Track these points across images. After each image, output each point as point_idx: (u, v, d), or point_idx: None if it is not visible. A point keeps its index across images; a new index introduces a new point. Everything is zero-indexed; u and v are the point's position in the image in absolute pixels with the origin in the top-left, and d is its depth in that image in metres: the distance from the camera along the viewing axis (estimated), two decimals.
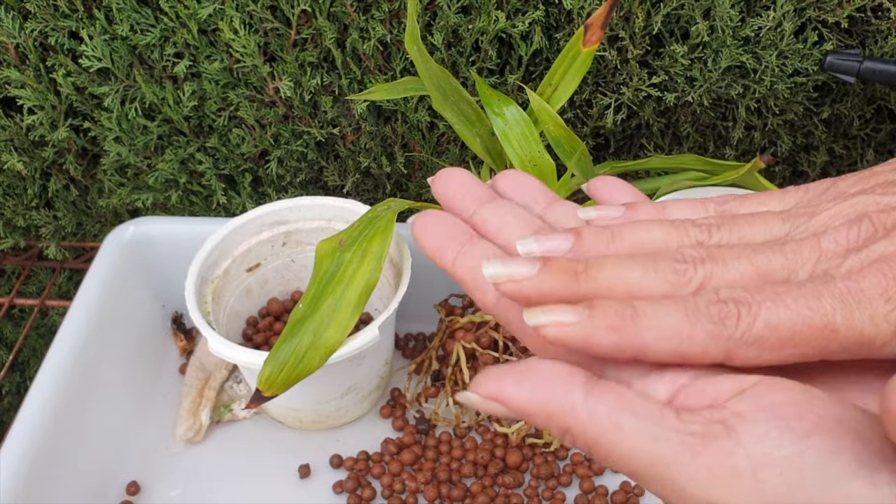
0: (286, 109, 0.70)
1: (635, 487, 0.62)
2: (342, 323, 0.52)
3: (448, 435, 0.65)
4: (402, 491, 0.62)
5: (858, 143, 0.72)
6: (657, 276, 0.21)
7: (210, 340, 0.57)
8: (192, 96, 0.69)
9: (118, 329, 0.67)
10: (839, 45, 0.64)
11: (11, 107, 0.73)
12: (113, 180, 0.77)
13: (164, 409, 0.69)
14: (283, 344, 0.52)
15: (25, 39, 0.67)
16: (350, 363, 0.60)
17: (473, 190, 0.27)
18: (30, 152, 0.75)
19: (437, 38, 0.64)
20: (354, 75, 0.68)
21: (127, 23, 0.65)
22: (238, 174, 0.75)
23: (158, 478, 0.64)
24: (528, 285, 0.22)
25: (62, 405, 0.59)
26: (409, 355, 0.73)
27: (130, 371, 0.68)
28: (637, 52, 0.64)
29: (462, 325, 0.62)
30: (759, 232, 0.23)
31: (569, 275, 0.22)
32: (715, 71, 0.64)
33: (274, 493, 0.63)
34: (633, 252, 0.23)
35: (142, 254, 0.71)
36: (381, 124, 0.71)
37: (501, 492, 0.62)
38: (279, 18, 0.65)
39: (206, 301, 0.63)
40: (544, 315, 0.21)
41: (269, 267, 0.70)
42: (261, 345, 0.68)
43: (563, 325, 0.21)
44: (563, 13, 0.64)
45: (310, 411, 0.65)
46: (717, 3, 0.61)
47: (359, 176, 0.74)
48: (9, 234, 0.80)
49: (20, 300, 0.80)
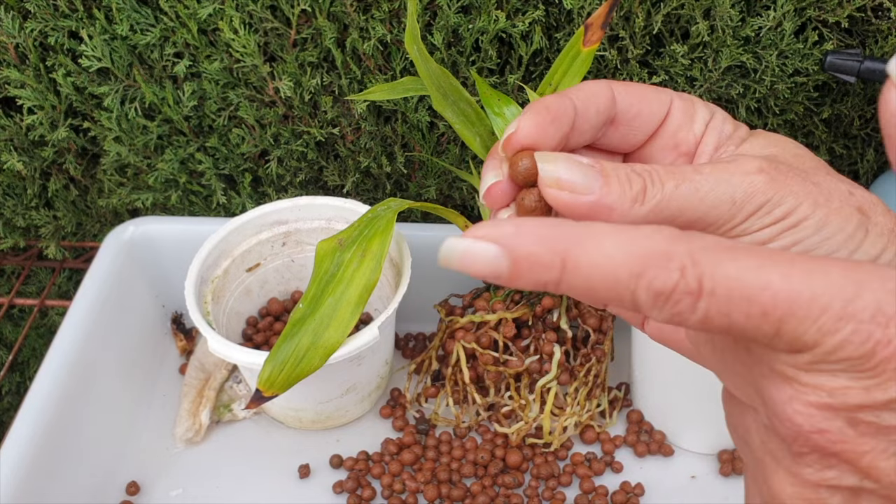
0: (286, 109, 0.70)
1: (635, 487, 0.62)
2: (342, 323, 0.52)
3: (448, 435, 0.65)
4: (402, 491, 0.62)
5: (859, 142, 0.72)
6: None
7: (210, 340, 0.57)
8: (192, 96, 0.69)
9: (118, 329, 0.67)
10: (839, 45, 0.64)
11: (11, 107, 0.73)
12: (113, 180, 0.77)
13: (164, 409, 0.69)
14: (283, 344, 0.52)
15: (25, 39, 0.67)
16: (350, 363, 0.60)
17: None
18: (29, 152, 0.75)
19: (437, 38, 0.64)
20: (354, 75, 0.67)
21: (127, 22, 0.65)
22: (238, 174, 0.75)
23: (158, 478, 0.64)
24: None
25: (62, 405, 0.59)
26: (409, 355, 0.73)
27: (130, 371, 0.68)
28: (637, 52, 0.64)
29: (462, 325, 0.62)
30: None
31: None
32: (715, 71, 0.64)
33: (274, 493, 0.63)
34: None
35: (142, 254, 0.71)
36: (381, 124, 0.71)
37: (501, 492, 0.62)
38: (279, 18, 0.65)
39: (205, 301, 0.63)
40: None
41: (269, 267, 0.70)
42: (261, 345, 0.68)
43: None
44: (563, 13, 0.64)
45: (310, 411, 0.65)
46: (718, 3, 0.61)
47: (359, 176, 0.74)
48: (8, 233, 0.80)
49: (20, 300, 0.80)
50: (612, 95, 0.28)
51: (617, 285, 0.19)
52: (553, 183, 0.24)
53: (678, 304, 0.19)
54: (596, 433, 0.65)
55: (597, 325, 0.62)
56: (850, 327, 0.18)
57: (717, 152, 0.29)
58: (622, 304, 0.20)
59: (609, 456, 0.64)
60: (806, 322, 0.19)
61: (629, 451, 0.65)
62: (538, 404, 0.62)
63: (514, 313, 0.61)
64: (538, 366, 0.61)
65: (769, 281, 0.19)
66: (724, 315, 0.19)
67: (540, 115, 0.26)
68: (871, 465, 0.19)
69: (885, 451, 0.19)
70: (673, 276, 0.19)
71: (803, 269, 0.19)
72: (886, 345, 0.18)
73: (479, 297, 0.63)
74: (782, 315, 0.19)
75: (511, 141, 0.26)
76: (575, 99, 0.27)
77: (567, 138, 0.27)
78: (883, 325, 0.18)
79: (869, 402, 0.19)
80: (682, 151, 0.29)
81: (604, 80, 0.28)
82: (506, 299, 0.62)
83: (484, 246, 0.20)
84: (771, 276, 0.19)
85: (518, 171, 0.26)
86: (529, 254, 0.20)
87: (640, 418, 0.66)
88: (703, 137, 0.29)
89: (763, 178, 0.25)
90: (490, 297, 0.63)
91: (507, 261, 0.20)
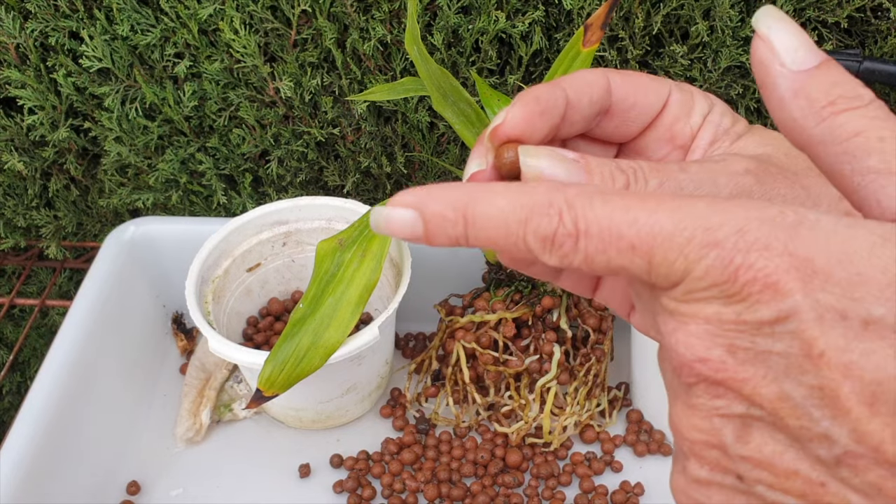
0: (286, 109, 0.70)
1: (635, 487, 0.62)
2: (342, 323, 0.53)
3: (448, 434, 0.65)
4: (402, 490, 0.62)
5: None
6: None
7: (210, 340, 0.57)
8: (193, 96, 0.70)
9: (118, 329, 0.67)
10: (839, 46, 0.64)
11: (12, 107, 0.73)
12: (113, 180, 0.77)
13: (165, 409, 0.69)
14: (284, 344, 0.52)
15: (26, 39, 0.67)
16: (350, 363, 0.60)
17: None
18: (30, 152, 0.75)
19: (437, 39, 0.64)
20: (354, 75, 0.68)
21: (127, 23, 0.65)
22: (238, 174, 0.75)
23: (159, 477, 0.64)
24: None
25: (62, 405, 0.59)
26: (409, 355, 0.73)
27: (130, 371, 0.68)
28: (637, 53, 0.64)
29: (462, 325, 0.62)
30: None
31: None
32: (715, 71, 0.65)
33: (274, 493, 0.63)
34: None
35: (142, 254, 0.71)
36: (382, 124, 0.71)
37: (501, 491, 0.62)
38: (279, 19, 0.65)
39: (206, 301, 0.63)
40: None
41: (270, 267, 0.70)
42: (261, 345, 0.68)
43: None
44: (562, 13, 0.64)
45: (310, 411, 0.65)
46: (717, 3, 0.61)
47: (359, 176, 0.74)
48: (9, 233, 0.80)
49: (20, 300, 0.80)
50: (608, 85, 0.28)
51: (509, 234, 0.21)
52: (535, 178, 0.25)
53: (562, 247, 0.21)
54: (596, 433, 0.65)
55: (596, 325, 0.62)
56: (713, 254, 0.19)
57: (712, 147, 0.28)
58: (520, 252, 0.22)
59: (609, 455, 0.64)
60: (672, 252, 0.20)
61: (629, 451, 0.65)
62: (538, 404, 0.62)
63: (514, 313, 0.61)
64: (538, 365, 0.61)
65: (636, 217, 0.20)
66: (601, 253, 0.20)
67: (528, 107, 0.26)
68: (753, 391, 0.20)
69: (764, 377, 0.19)
70: (553, 220, 0.21)
71: (670, 206, 0.20)
72: (748, 268, 0.19)
73: (479, 297, 0.63)
74: (649, 248, 0.20)
75: (497, 132, 0.26)
76: (567, 89, 0.27)
77: (557, 129, 0.27)
78: (744, 250, 0.19)
79: (742, 328, 0.19)
80: (678, 144, 0.29)
81: (600, 69, 0.28)
82: (506, 299, 0.62)
83: (402, 211, 0.22)
84: (638, 213, 0.20)
85: (502, 163, 0.26)
86: (436, 213, 0.22)
87: (640, 418, 0.66)
88: (699, 131, 0.29)
89: (750, 179, 0.25)
90: (490, 296, 0.63)
91: (422, 222, 0.22)
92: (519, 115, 0.26)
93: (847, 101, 0.21)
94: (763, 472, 0.20)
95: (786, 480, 0.20)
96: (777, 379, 0.19)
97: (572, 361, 0.62)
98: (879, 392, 0.18)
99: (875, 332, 0.18)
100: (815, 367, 0.19)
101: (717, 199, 0.20)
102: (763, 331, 0.19)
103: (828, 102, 0.21)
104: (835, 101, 0.21)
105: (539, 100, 0.26)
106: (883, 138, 0.20)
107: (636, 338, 0.65)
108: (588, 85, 0.27)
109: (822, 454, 0.19)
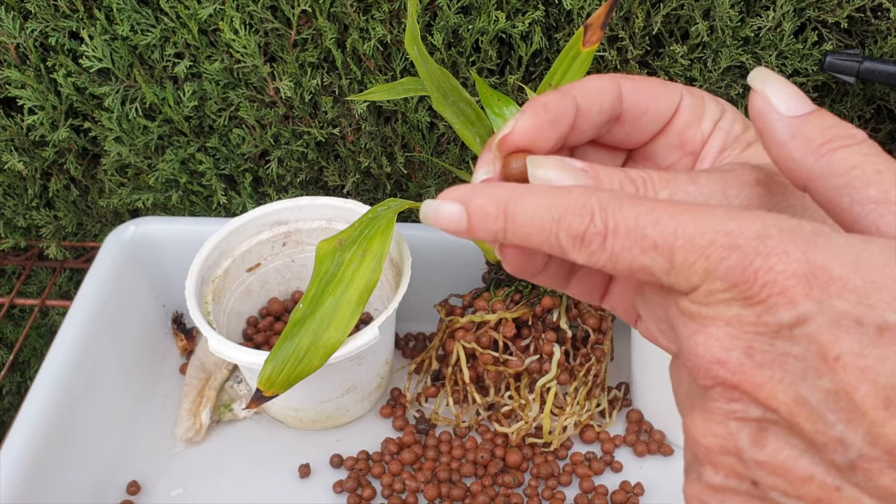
0: (286, 109, 0.70)
1: (635, 487, 0.62)
2: (342, 323, 0.53)
3: (448, 434, 0.65)
4: (402, 490, 0.62)
5: None
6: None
7: (210, 340, 0.57)
8: (193, 96, 0.70)
9: (118, 329, 0.67)
10: (839, 45, 0.64)
11: (12, 107, 0.73)
12: (113, 180, 0.77)
13: (165, 409, 0.69)
14: (284, 344, 0.52)
15: (26, 39, 0.67)
16: (350, 363, 0.60)
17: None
18: (30, 152, 0.75)
19: (437, 39, 0.64)
20: (354, 75, 0.68)
21: (127, 23, 0.65)
22: (238, 174, 0.75)
23: (159, 478, 0.64)
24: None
25: (62, 405, 0.59)
26: (409, 355, 0.73)
27: (130, 371, 0.68)
28: (637, 53, 0.64)
29: (462, 325, 0.62)
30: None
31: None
32: (715, 71, 0.65)
33: (274, 493, 0.63)
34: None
35: (142, 254, 0.71)
36: (382, 124, 0.71)
37: (501, 491, 0.62)
38: (279, 19, 0.65)
39: (206, 301, 0.63)
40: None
41: (270, 267, 0.70)
42: (261, 345, 0.68)
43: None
44: (562, 13, 0.64)
45: (310, 411, 0.65)
46: (717, 3, 0.61)
47: (359, 176, 0.74)
48: (9, 234, 0.80)
49: (20, 300, 0.80)
50: (619, 93, 0.27)
51: (543, 231, 0.23)
52: None
53: (591, 245, 0.22)
54: (596, 433, 0.65)
55: (596, 325, 0.62)
56: (734, 256, 0.20)
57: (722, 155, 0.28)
58: (552, 249, 0.23)
59: (609, 455, 0.64)
60: (693, 253, 0.20)
61: (629, 451, 0.65)
62: (538, 404, 0.62)
63: (514, 313, 0.61)
64: (538, 365, 0.61)
65: (658, 218, 0.21)
66: (626, 251, 0.21)
67: (537, 116, 0.26)
68: (769, 395, 0.20)
69: (780, 381, 0.20)
70: (585, 220, 0.22)
71: (693, 212, 0.21)
72: (768, 271, 0.19)
73: (479, 297, 0.63)
74: (671, 247, 0.21)
75: (505, 142, 0.26)
76: (577, 97, 0.26)
77: (566, 138, 0.27)
78: (764, 254, 0.20)
79: (761, 329, 0.20)
80: (688, 150, 0.29)
81: (610, 75, 0.28)
82: (506, 299, 0.62)
83: (450, 205, 0.24)
84: (661, 215, 0.21)
85: (510, 172, 0.26)
86: (479, 207, 0.24)
87: (640, 418, 0.66)
88: (710, 137, 0.28)
89: (760, 190, 0.26)
90: (490, 296, 0.63)
91: (466, 216, 0.24)
92: (528, 125, 0.26)
93: (842, 140, 0.22)
94: (778, 479, 0.20)
95: (801, 486, 0.20)
96: (793, 383, 0.20)
97: (572, 361, 0.62)
98: (894, 396, 0.19)
99: (890, 338, 0.19)
100: (830, 371, 0.19)
101: (736, 209, 0.21)
102: (782, 334, 0.20)
103: (825, 141, 0.22)
104: (831, 139, 0.22)
105: (548, 108, 0.26)
106: (880, 171, 0.22)
107: (636, 338, 0.65)
108: (598, 93, 0.27)
109: (836, 459, 0.19)
